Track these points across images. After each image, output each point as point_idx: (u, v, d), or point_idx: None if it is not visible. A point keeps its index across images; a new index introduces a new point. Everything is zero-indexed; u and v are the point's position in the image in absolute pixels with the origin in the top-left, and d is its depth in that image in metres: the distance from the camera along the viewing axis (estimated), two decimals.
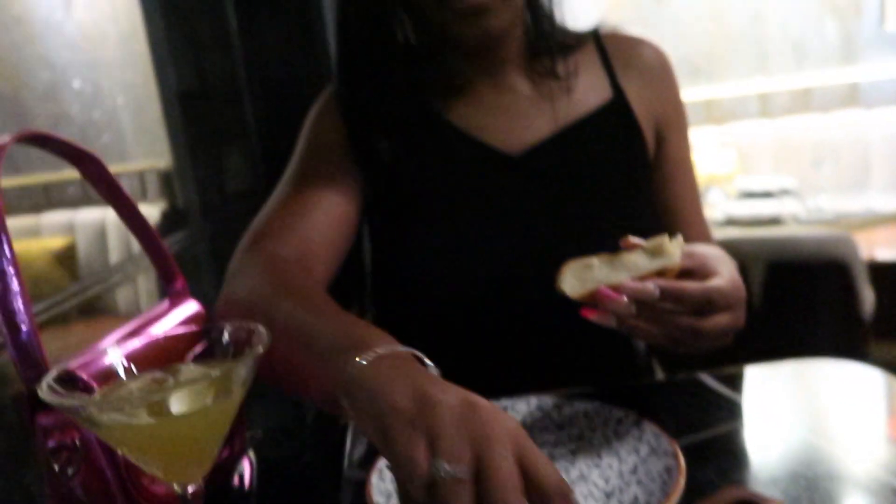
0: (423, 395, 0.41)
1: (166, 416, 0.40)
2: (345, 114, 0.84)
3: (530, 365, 0.82)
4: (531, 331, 0.81)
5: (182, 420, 0.41)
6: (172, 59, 1.93)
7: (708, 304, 0.60)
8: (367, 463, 0.62)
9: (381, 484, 0.59)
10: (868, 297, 1.71)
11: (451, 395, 0.41)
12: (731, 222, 2.28)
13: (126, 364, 0.48)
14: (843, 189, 2.78)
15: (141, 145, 3.17)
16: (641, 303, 0.58)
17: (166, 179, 3.10)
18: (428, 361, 0.48)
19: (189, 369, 0.47)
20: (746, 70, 3.51)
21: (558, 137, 0.82)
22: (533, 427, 0.67)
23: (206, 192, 2.06)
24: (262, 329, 0.46)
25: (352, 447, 0.69)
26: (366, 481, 0.58)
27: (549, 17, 0.84)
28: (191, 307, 0.68)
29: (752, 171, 3.20)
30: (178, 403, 0.41)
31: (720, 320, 0.62)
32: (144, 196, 3.23)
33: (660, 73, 0.89)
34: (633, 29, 0.92)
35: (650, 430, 0.61)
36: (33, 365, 0.50)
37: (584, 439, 0.64)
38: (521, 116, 0.83)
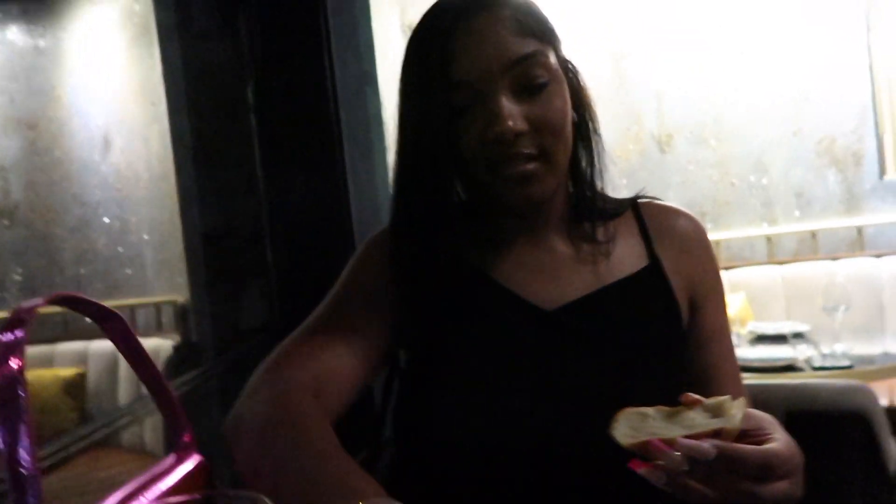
0: None
1: None
2: (392, 257, 0.89)
3: None
4: (562, 494, 0.79)
5: None
6: (199, 201, 2.03)
7: (767, 470, 0.59)
8: None
9: None
10: (892, 449, 1.66)
11: None
12: (744, 368, 2.25)
13: None
14: (858, 334, 2.76)
15: (161, 279, 3.26)
16: (695, 462, 0.56)
17: (182, 313, 3.15)
18: None
19: None
20: (752, 216, 3.61)
21: (594, 296, 0.86)
22: None
23: (220, 327, 2.10)
24: (264, 500, 0.46)
25: None
26: None
27: (590, 185, 0.90)
28: (195, 462, 0.68)
29: (762, 317, 3.20)
30: None
31: (779, 487, 0.60)
32: (160, 328, 3.27)
33: (696, 243, 0.93)
34: (640, 175, 0.97)
35: None
36: None
37: None
38: (560, 276, 0.87)
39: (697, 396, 0.61)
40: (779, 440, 0.61)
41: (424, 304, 0.87)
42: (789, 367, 2.22)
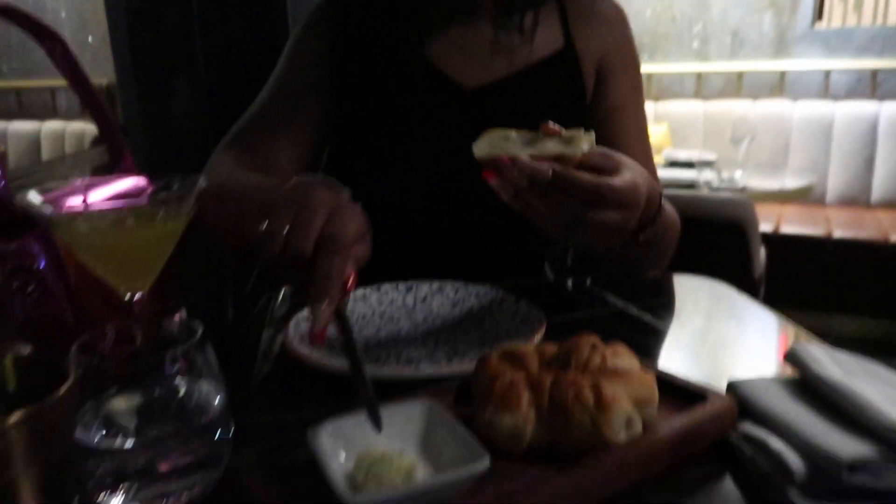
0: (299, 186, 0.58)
1: (124, 226, 0.50)
2: (330, 29, 0.97)
3: (458, 261, 0.93)
4: (460, 233, 0.95)
5: (137, 231, 0.50)
6: None
7: (598, 197, 0.64)
8: (286, 319, 0.72)
9: (297, 330, 0.70)
10: (759, 259, 1.90)
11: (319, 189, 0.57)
12: None
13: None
14: (763, 169, 3.00)
15: (84, 61, 3.11)
16: (534, 181, 0.64)
17: (109, 96, 3.07)
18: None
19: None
20: (687, 53, 3.69)
21: (511, 79, 0.95)
22: (432, 302, 0.79)
23: (149, 110, 2.09)
24: (203, 177, 0.55)
25: (275, 306, 0.79)
26: (284, 331, 0.69)
27: None
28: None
29: (681, 145, 3.39)
30: (134, 218, 0.51)
31: (609, 216, 0.65)
32: (84, 112, 3.19)
33: (613, 21, 1.00)
34: None
35: (525, 304, 0.74)
36: None
37: (472, 312, 0.76)
38: (484, 58, 0.96)
39: (557, 127, 0.67)
40: (622, 177, 0.67)
41: (360, 73, 0.95)
42: (690, 186, 2.42)
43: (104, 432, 0.45)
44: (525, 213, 0.68)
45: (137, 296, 0.55)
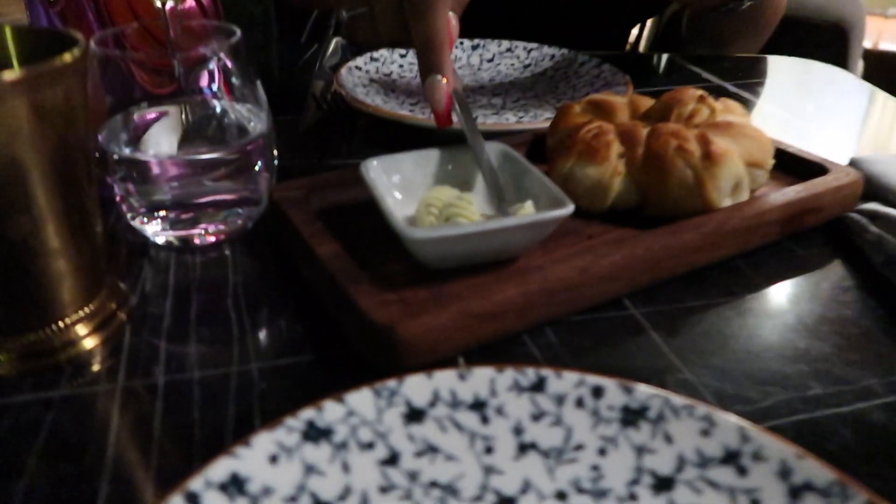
0: None
1: None
2: None
3: (531, 26, 0.82)
4: None
5: None
6: None
7: None
8: (336, 69, 0.64)
9: (349, 76, 0.62)
10: (857, 72, 1.70)
11: None
12: None
13: None
14: None
15: None
16: None
17: None
18: None
19: None
20: None
21: None
22: (500, 63, 0.70)
23: None
24: None
25: (325, 56, 0.71)
26: (336, 74, 0.62)
27: None
28: None
29: None
30: None
31: None
32: None
33: None
34: None
35: (609, 68, 0.64)
36: None
37: (545, 75, 0.67)
38: None
39: None
40: None
41: None
42: None
43: (134, 147, 0.39)
44: None
45: (170, 3, 0.47)
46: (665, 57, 0.80)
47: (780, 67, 0.80)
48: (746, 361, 0.32)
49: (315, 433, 0.25)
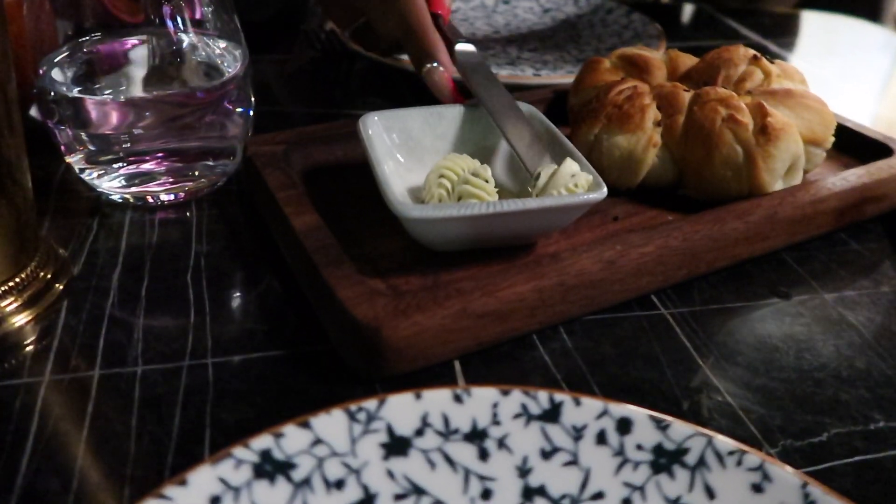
0: None
1: None
2: None
3: None
4: None
5: None
6: None
7: None
8: None
9: None
10: (891, 13, 1.61)
11: None
12: None
13: None
14: None
15: None
16: None
17: None
18: None
19: None
20: None
21: None
22: (518, 5, 0.62)
23: None
24: None
25: None
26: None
27: None
28: None
29: None
30: None
31: None
32: None
33: None
34: None
35: (639, 17, 0.57)
36: None
37: (567, 22, 0.60)
38: None
39: None
40: None
41: None
42: None
43: (85, 87, 0.33)
44: None
45: None
46: (697, 9, 0.73)
47: (810, 22, 0.74)
48: (796, 382, 0.27)
49: (271, 467, 0.20)
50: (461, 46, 0.38)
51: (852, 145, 0.39)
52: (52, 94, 0.32)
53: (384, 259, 0.30)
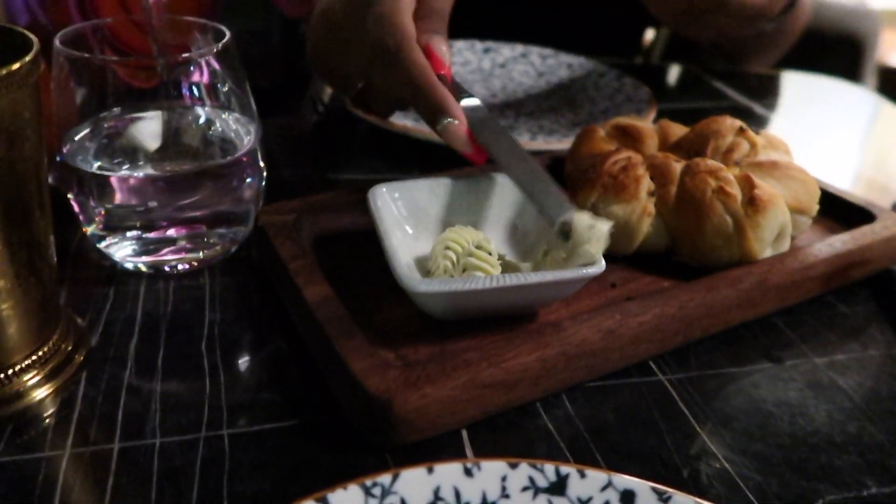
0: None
1: None
2: None
3: (545, 30, 0.77)
4: None
5: None
6: None
7: None
8: None
9: None
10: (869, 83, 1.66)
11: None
12: None
13: None
14: None
15: None
16: None
17: None
18: None
19: None
20: None
21: None
22: (513, 69, 0.65)
23: None
24: None
25: None
26: None
27: None
28: None
29: None
30: None
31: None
32: None
33: None
34: None
35: (631, 81, 0.59)
36: None
37: (561, 85, 0.63)
38: None
39: None
40: None
41: None
42: None
43: (102, 162, 0.35)
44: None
45: None
46: (684, 70, 0.76)
47: (791, 83, 0.77)
48: (791, 448, 0.28)
49: None
50: (467, 102, 0.38)
51: (836, 210, 0.41)
52: (72, 169, 0.33)
53: (393, 327, 0.31)
